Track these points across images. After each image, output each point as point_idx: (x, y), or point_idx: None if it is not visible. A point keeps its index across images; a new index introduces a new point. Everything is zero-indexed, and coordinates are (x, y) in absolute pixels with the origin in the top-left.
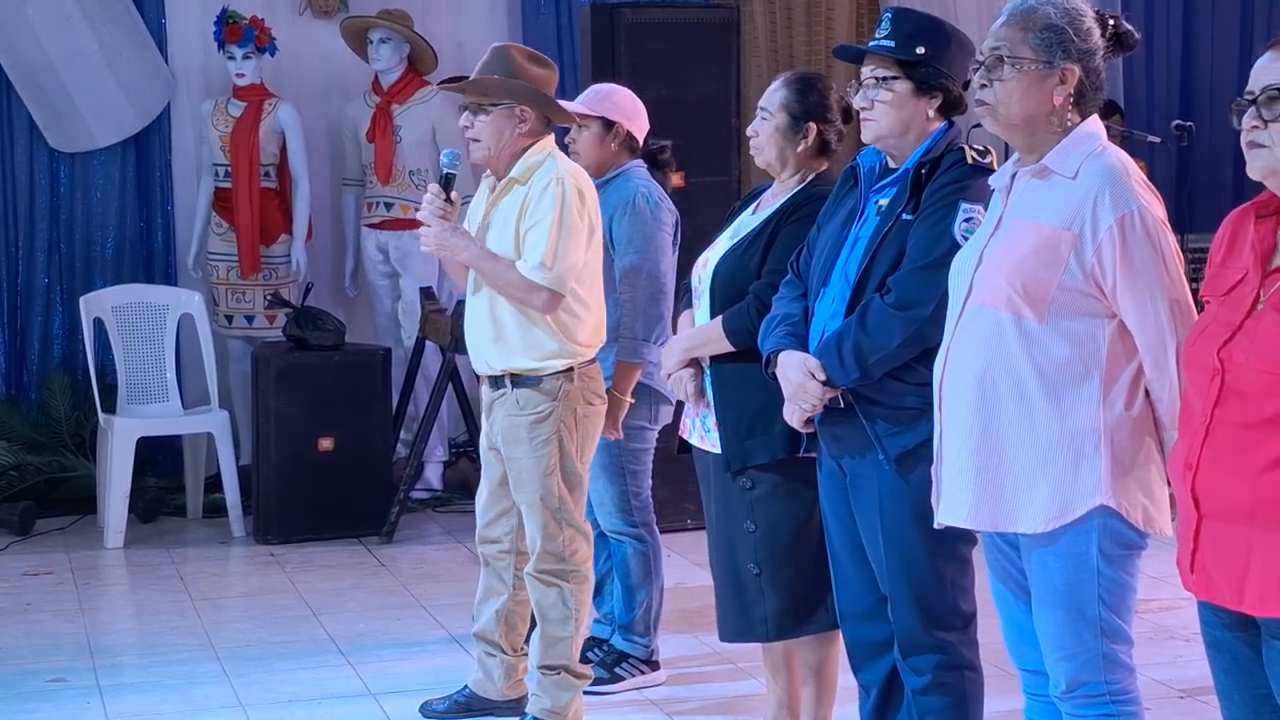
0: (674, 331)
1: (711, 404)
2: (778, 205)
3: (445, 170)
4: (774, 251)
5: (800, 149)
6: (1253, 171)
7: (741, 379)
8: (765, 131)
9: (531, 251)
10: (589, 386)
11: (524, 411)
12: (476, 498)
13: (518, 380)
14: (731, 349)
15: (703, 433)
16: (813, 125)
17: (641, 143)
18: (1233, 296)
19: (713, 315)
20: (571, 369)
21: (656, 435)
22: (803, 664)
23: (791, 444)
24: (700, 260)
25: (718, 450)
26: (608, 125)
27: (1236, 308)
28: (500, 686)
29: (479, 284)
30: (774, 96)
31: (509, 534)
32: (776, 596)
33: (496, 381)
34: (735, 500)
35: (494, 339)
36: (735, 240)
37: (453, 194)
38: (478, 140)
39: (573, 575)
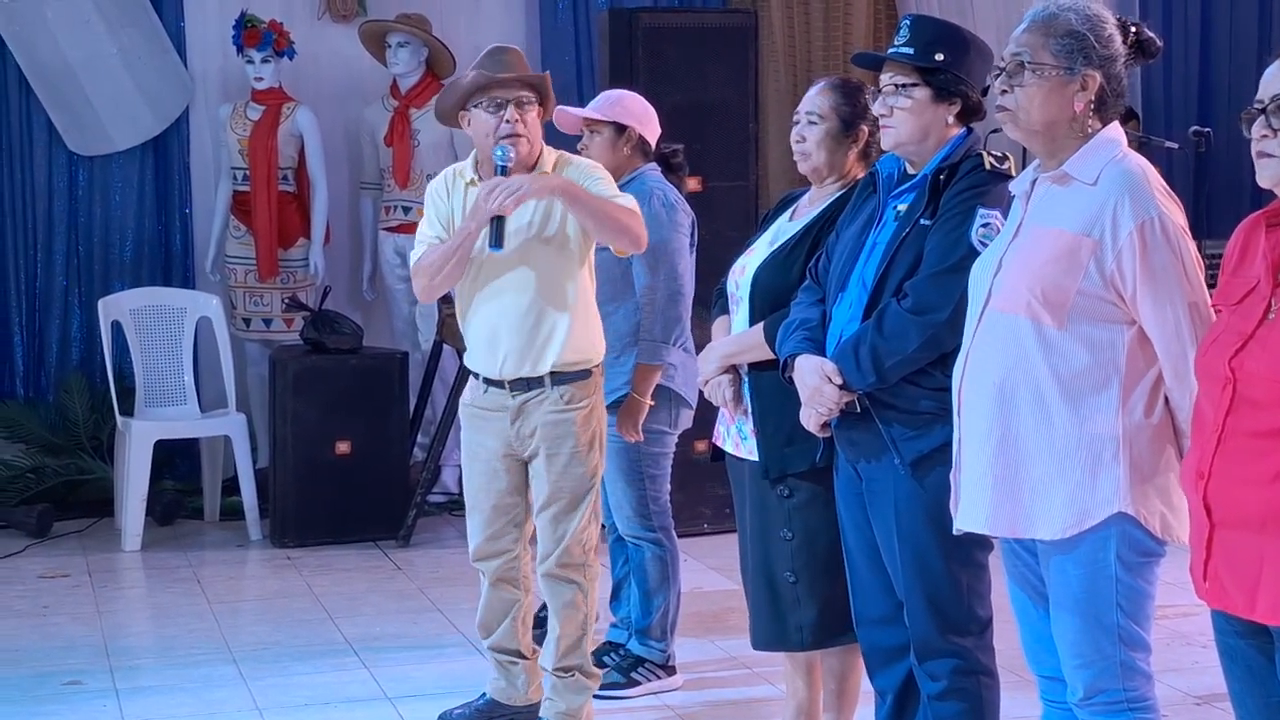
0: (703, 338)
1: (749, 410)
2: (818, 211)
3: (502, 164)
4: None
5: (851, 153)
6: (1263, 180)
7: (780, 386)
8: (815, 136)
9: (620, 198)
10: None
11: (571, 406)
12: (469, 515)
13: (559, 377)
14: (772, 356)
15: (738, 439)
16: (865, 128)
17: (654, 147)
18: (1244, 305)
19: (752, 322)
20: (601, 363)
21: (675, 439)
22: (827, 672)
23: (831, 452)
24: (738, 266)
25: (753, 457)
26: (619, 130)
27: (1248, 317)
28: (524, 692)
29: (526, 282)
30: (821, 101)
31: (516, 540)
32: (813, 606)
33: (529, 383)
34: (773, 508)
35: (545, 339)
36: (775, 247)
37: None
38: (524, 135)
39: (588, 570)
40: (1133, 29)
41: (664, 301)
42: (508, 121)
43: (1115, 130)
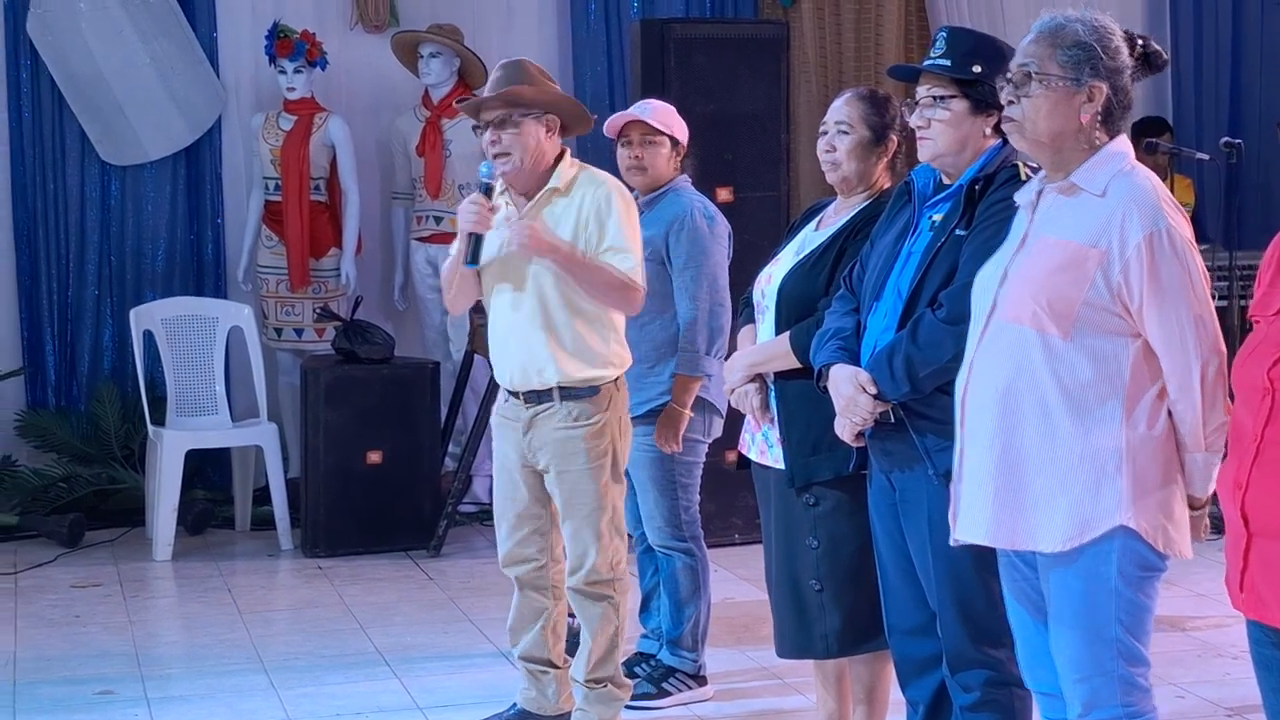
0: (731, 347)
1: (776, 419)
2: (844, 221)
3: (485, 180)
4: (841, 268)
5: (880, 163)
6: None
7: (806, 395)
8: (845, 146)
9: (623, 256)
10: (625, 394)
11: (579, 424)
12: (497, 522)
13: (568, 392)
14: (798, 365)
15: (764, 447)
16: (893, 139)
17: None
18: None
19: (778, 331)
20: (619, 377)
21: (707, 448)
22: (856, 681)
23: (856, 461)
24: (764, 276)
25: (779, 465)
26: (674, 142)
27: None
28: (555, 702)
29: (526, 298)
30: (850, 111)
31: (542, 549)
32: (838, 614)
33: (539, 396)
34: (798, 516)
35: (549, 352)
36: (801, 256)
37: (494, 201)
38: (508, 154)
39: (618, 585)
40: (1140, 41)
41: (707, 314)
42: (490, 143)
43: (1122, 142)
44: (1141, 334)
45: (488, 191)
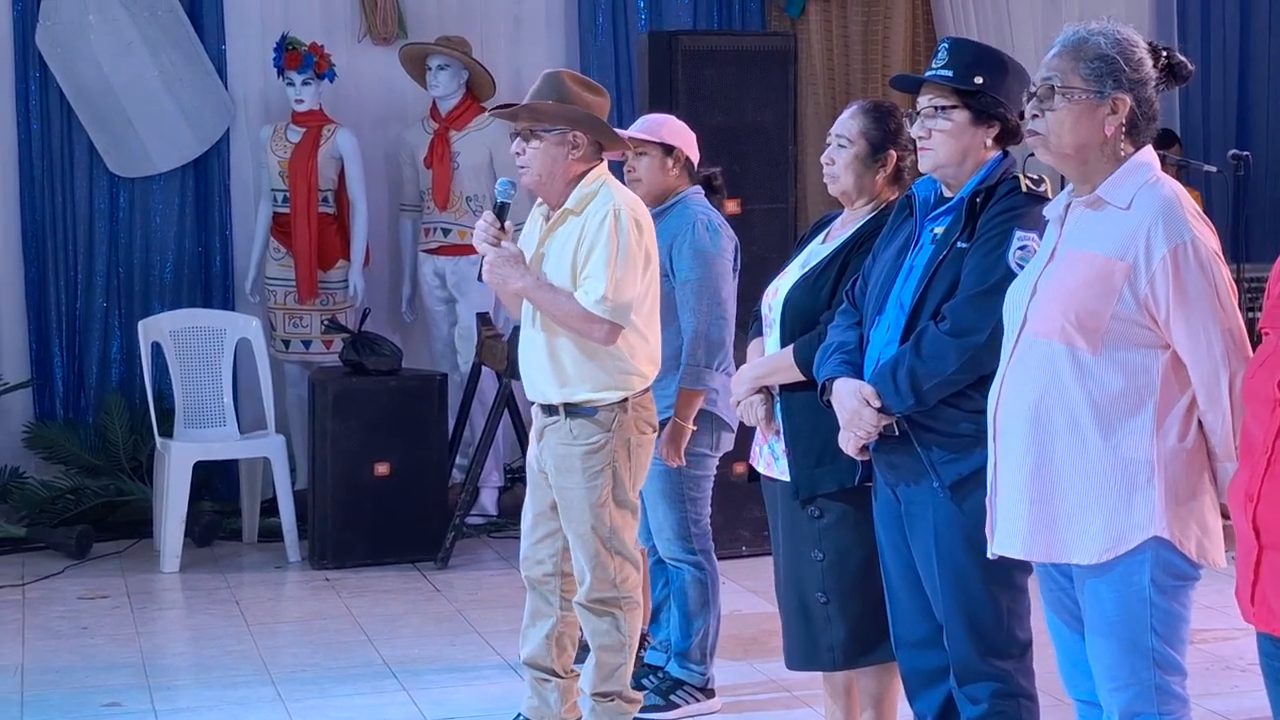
0: (740, 360)
1: (781, 430)
2: (848, 234)
3: (500, 199)
4: (844, 281)
5: (879, 177)
6: None
7: (811, 408)
8: (843, 159)
9: (592, 284)
10: (642, 416)
11: (577, 441)
12: (522, 517)
13: (572, 410)
14: (802, 378)
15: (770, 459)
16: (892, 153)
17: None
18: None
19: (783, 344)
20: (626, 399)
21: (717, 462)
22: (864, 693)
23: (861, 473)
24: (771, 289)
25: (785, 477)
26: (666, 151)
27: None
28: (558, 711)
29: (534, 314)
30: (851, 124)
31: (553, 556)
32: (844, 625)
33: (550, 409)
34: (803, 528)
35: (550, 370)
36: (806, 269)
37: (506, 223)
38: (528, 167)
39: (624, 602)
40: (1164, 53)
41: (708, 327)
42: (516, 154)
43: (1148, 154)
44: (1170, 345)
45: (501, 210)
